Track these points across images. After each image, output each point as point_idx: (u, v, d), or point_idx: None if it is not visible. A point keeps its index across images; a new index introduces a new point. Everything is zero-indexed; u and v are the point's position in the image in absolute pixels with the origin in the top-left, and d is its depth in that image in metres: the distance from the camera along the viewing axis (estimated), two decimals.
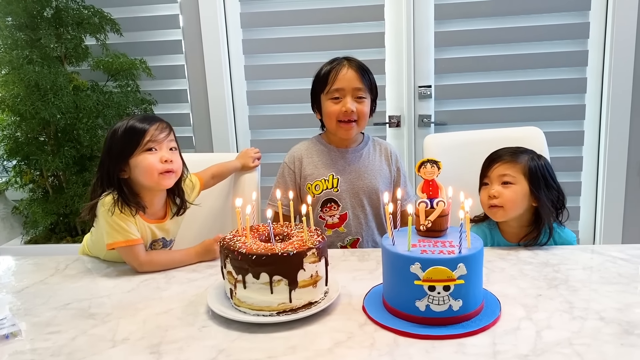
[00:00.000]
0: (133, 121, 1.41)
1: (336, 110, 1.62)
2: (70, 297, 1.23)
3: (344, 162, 1.71)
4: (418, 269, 0.97)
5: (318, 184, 1.70)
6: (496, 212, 1.45)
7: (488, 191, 1.46)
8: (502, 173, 1.45)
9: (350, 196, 1.69)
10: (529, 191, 1.43)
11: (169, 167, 1.41)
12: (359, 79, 1.62)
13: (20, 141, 2.53)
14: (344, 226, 1.70)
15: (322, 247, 1.09)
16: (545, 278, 1.21)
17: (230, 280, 1.09)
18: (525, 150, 1.50)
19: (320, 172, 1.70)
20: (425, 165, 1.10)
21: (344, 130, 1.65)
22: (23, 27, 2.47)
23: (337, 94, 1.62)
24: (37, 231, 2.63)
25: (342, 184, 1.69)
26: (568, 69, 2.61)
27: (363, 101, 1.63)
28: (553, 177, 1.47)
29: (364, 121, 1.65)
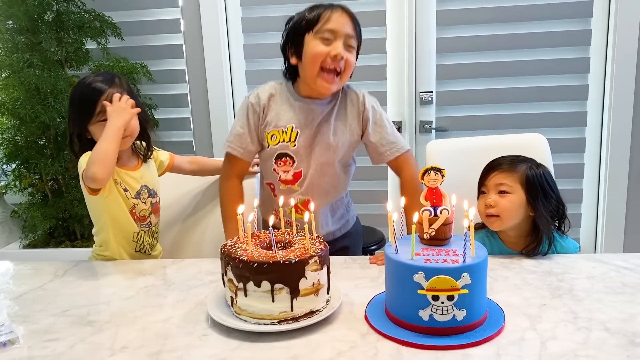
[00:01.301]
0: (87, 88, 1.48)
1: (324, 51, 1.43)
2: (69, 304, 1.21)
3: (305, 114, 1.54)
4: (422, 278, 0.96)
5: (275, 134, 1.55)
6: (493, 221, 1.44)
7: (485, 200, 1.45)
8: (499, 182, 1.44)
9: (307, 153, 1.55)
10: (526, 201, 1.41)
11: (126, 133, 1.48)
12: (352, 26, 1.47)
13: (19, 145, 2.52)
14: (297, 184, 1.58)
15: (324, 255, 1.08)
16: (549, 287, 1.20)
17: (231, 288, 1.08)
18: (525, 159, 1.48)
19: (280, 120, 1.55)
20: (429, 173, 1.09)
21: (325, 82, 1.46)
22: (24, 30, 2.47)
23: (329, 34, 1.44)
24: (35, 235, 2.62)
25: (300, 139, 1.53)
26: (570, 76, 2.61)
27: (352, 51, 1.48)
28: (552, 187, 1.45)
29: (346, 76, 1.49)
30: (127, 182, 1.55)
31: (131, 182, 1.56)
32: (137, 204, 1.57)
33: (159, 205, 1.68)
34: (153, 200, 1.63)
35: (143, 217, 1.60)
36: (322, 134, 1.55)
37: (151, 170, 1.66)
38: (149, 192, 1.62)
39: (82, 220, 2.56)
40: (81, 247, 2.54)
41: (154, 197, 1.64)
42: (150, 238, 1.63)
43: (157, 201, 1.66)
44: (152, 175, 1.66)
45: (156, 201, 1.65)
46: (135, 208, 1.57)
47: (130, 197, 1.56)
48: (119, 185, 1.53)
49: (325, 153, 1.56)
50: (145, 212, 1.60)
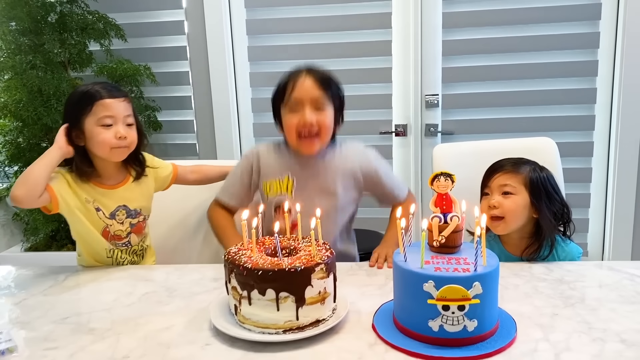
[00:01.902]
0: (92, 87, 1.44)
1: (294, 122, 1.47)
2: (69, 311, 1.19)
3: (301, 166, 1.56)
4: (432, 287, 0.93)
5: (272, 184, 1.57)
6: (497, 225, 1.42)
7: (488, 201, 1.44)
8: (502, 183, 1.42)
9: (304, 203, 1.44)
10: (530, 202, 1.40)
11: (123, 143, 1.45)
12: (318, 87, 1.47)
13: (22, 147, 2.50)
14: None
15: (331, 262, 1.05)
16: (561, 296, 1.17)
17: (234, 296, 1.05)
18: (528, 161, 1.47)
19: (277, 171, 1.57)
20: (439, 179, 1.06)
21: (306, 145, 1.50)
22: (27, 32, 2.45)
23: (295, 104, 1.47)
24: (37, 238, 2.60)
25: (297, 189, 1.55)
26: (577, 79, 2.57)
27: (323, 112, 1.48)
28: (556, 189, 1.44)
29: (326, 134, 1.50)
30: (101, 201, 1.48)
31: (106, 202, 1.49)
32: (110, 225, 1.50)
33: (144, 224, 1.60)
34: (133, 221, 1.55)
35: (118, 236, 1.53)
36: (318, 184, 1.56)
37: (141, 189, 1.57)
38: (128, 212, 1.54)
39: None
40: None
41: (134, 218, 1.55)
42: (130, 256, 1.56)
43: (139, 221, 1.56)
44: (140, 196, 1.57)
45: (138, 221, 1.56)
46: (108, 227, 1.50)
47: (104, 216, 1.49)
48: (90, 204, 1.47)
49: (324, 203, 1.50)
50: (122, 233, 1.53)
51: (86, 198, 1.47)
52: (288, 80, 1.51)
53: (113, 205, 1.50)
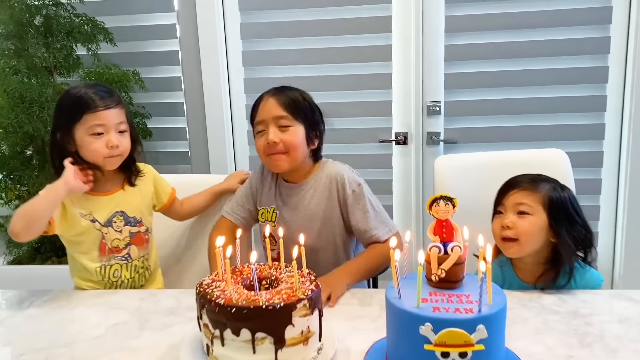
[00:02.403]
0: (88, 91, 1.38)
1: (261, 143, 1.48)
2: (27, 345, 1.07)
3: (282, 197, 1.58)
4: (429, 330, 0.81)
5: (263, 212, 1.60)
6: (510, 246, 1.29)
7: (501, 221, 1.31)
8: (518, 201, 1.29)
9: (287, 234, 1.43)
10: (548, 225, 1.27)
11: (115, 152, 1.41)
12: (281, 106, 1.46)
13: (5, 155, 2.39)
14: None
15: (315, 297, 0.93)
16: (576, 333, 1.04)
17: (206, 334, 0.93)
18: (547, 179, 1.34)
19: (267, 200, 1.60)
20: (438, 203, 0.94)
21: (273, 162, 1.49)
22: (10, 36, 2.34)
23: (261, 126, 1.49)
24: (20, 251, 2.49)
25: (279, 219, 1.56)
26: (587, 86, 2.45)
27: (288, 129, 1.46)
28: (578, 211, 1.30)
29: (295, 152, 1.47)
30: (96, 209, 1.43)
31: (101, 209, 1.43)
32: (106, 233, 1.43)
33: (147, 236, 1.53)
34: (133, 230, 1.48)
35: (116, 248, 1.45)
36: (299, 217, 1.54)
37: (138, 196, 1.52)
38: (126, 219, 1.47)
39: None
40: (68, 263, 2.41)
41: (134, 226, 1.49)
42: (130, 273, 1.47)
43: (140, 231, 1.50)
44: (138, 202, 1.52)
45: (139, 231, 1.50)
46: (105, 237, 1.43)
47: (100, 226, 1.42)
48: (85, 217, 1.41)
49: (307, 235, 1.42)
50: (120, 243, 1.45)
51: (80, 212, 1.40)
52: (257, 104, 1.53)
53: (109, 212, 1.45)
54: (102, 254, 1.44)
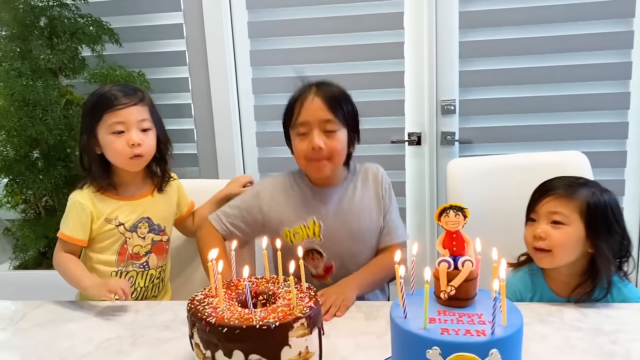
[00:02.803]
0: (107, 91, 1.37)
1: (304, 148, 1.38)
2: None
3: (325, 204, 1.46)
4: (437, 355, 0.73)
5: (298, 231, 1.44)
6: (543, 257, 1.21)
7: (534, 230, 1.21)
8: (552, 210, 1.20)
9: (335, 245, 1.44)
10: (585, 235, 1.17)
11: (137, 151, 1.37)
12: (327, 108, 1.36)
13: (10, 159, 2.37)
14: (330, 278, 1.46)
15: (315, 315, 0.86)
16: (600, 353, 0.96)
17: (198, 354, 0.87)
18: (587, 183, 1.24)
19: (299, 215, 1.45)
20: (448, 213, 0.86)
21: (314, 169, 1.41)
22: (14, 37, 2.31)
23: (303, 128, 1.38)
24: (26, 255, 2.46)
25: (325, 231, 1.43)
26: (609, 83, 2.36)
27: (334, 135, 1.38)
28: (618, 219, 1.20)
29: (337, 158, 1.40)
30: (123, 214, 1.41)
31: (127, 214, 1.41)
32: (129, 238, 1.40)
33: (167, 246, 1.50)
34: (156, 238, 1.45)
35: (136, 254, 1.42)
36: (346, 222, 1.45)
37: (164, 203, 1.50)
38: (151, 226, 1.44)
39: None
40: None
41: (157, 234, 1.46)
42: (145, 282, 1.44)
43: (162, 240, 1.47)
44: (164, 209, 1.49)
45: (161, 240, 1.47)
46: (127, 243, 1.40)
47: (124, 230, 1.40)
48: (111, 222, 1.39)
49: (355, 240, 1.45)
50: (141, 250, 1.42)
51: (107, 218, 1.38)
52: (296, 101, 1.41)
53: (135, 217, 1.42)
54: (121, 259, 1.42)
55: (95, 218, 1.37)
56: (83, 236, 1.37)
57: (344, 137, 1.40)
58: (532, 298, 1.27)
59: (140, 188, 1.46)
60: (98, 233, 1.39)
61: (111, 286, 1.24)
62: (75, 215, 1.35)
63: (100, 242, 1.40)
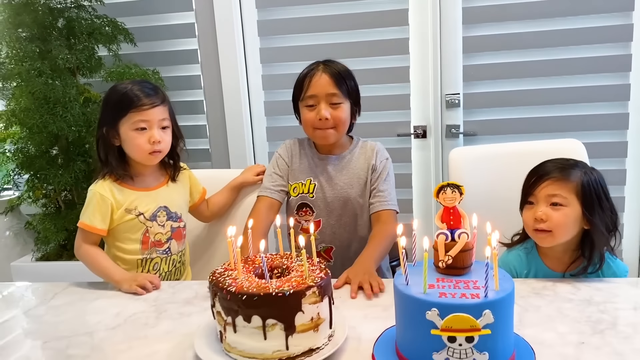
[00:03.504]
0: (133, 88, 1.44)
1: (311, 117, 1.56)
2: (50, 334, 1.11)
3: (323, 168, 1.64)
4: (435, 316, 0.81)
5: (296, 186, 1.65)
6: (544, 238, 1.27)
7: (534, 212, 1.28)
8: (551, 193, 1.26)
9: (324, 204, 1.63)
10: (582, 214, 1.24)
11: (157, 148, 1.46)
12: (333, 84, 1.54)
13: (31, 155, 2.46)
14: (317, 232, 1.65)
15: (325, 284, 0.94)
16: (589, 320, 1.03)
17: (219, 321, 0.95)
18: (576, 164, 1.30)
19: (300, 174, 1.66)
20: (445, 190, 0.94)
21: (320, 136, 1.59)
22: (34, 38, 2.41)
23: (312, 100, 1.57)
24: (47, 248, 2.55)
25: (317, 190, 1.63)
26: (609, 75, 2.40)
27: (339, 107, 1.56)
28: (606, 194, 1.27)
29: (342, 127, 1.58)
30: (142, 203, 1.48)
31: (147, 204, 1.49)
32: (150, 227, 1.49)
33: (184, 232, 1.59)
34: (174, 225, 1.54)
35: (159, 242, 1.51)
36: (338, 187, 1.62)
37: (178, 192, 1.59)
38: (169, 214, 1.53)
39: None
40: None
41: (175, 221, 1.55)
42: (169, 267, 1.53)
43: (180, 227, 1.56)
44: (179, 198, 1.58)
45: (179, 226, 1.56)
46: (148, 231, 1.49)
47: (144, 219, 1.48)
48: (131, 212, 1.47)
49: (343, 205, 1.62)
50: (162, 237, 1.51)
51: (127, 208, 1.46)
52: (305, 76, 1.59)
53: (154, 206, 1.50)
54: (144, 247, 1.49)
55: (115, 209, 1.45)
56: (103, 226, 1.44)
57: (347, 109, 1.58)
58: (527, 274, 1.34)
59: (156, 179, 1.55)
60: (119, 223, 1.46)
61: (140, 281, 1.34)
62: (96, 205, 1.43)
63: (123, 232, 1.48)
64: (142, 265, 1.50)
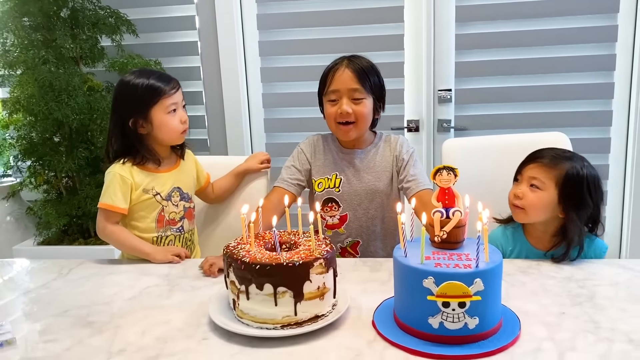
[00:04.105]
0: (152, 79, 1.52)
1: (333, 112, 1.58)
2: (70, 304, 1.19)
3: (349, 163, 1.66)
4: (431, 283, 0.91)
5: (321, 181, 1.67)
6: (518, 213, 1.41)
7: (516, 189, 1.41)
8: (533, 175, 1.38)
9: (351, 197, 1.65)
10: (557, 202, 1.35)
11: (186, 127, 1.60)
12: (355, 79, 1.56)
13: (34, 142, 2.52)
14: (344, 227, 1.66)
15: (330, 257, 1.03)
16: (569, 294, 1.13)
17: (233, 290, 1.04)
18: (572, 157, 1.39)
19: (325, 169, 1.68)
20: (441, 173, 1.04)
21: (342, 132, 1.61)
22: (39, 27, 2.46)
23: (334, 95, 1.58)
24: (49, 232, 2.61)
25: (344, 184, 1.65)
26: (594, 74, 2.51)
27: (361, 102, 1.57)
28: (592, 195, 1.35)
29: (363, 123, 1.59)
30: (159, 184, 1.56)
31: (162, 185, 1.57)
32: (166, 206, 1.57)
33: (194, 212, 1.68)
34: (187, 205, 1.63)
35: (173, 220, 1.59)
36: (366, 180, 1.65)
37: (188, 175, 1.67)
38: (182, 195, 1.62)
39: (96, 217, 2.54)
40: (94, 244, 2.53)
41: (187, 202, 1.63)
42: (182, 244, 1.62)
43: (190, 207, 1.65)
44: (189, 180, 1.67)
45: (190, 207, 1.65)
46: (164, 210, 1.57)
47: (160, 199, 1.57)
48: (148, 192, 1.55)
49: (371, 198, 1.64)
50: (176, 216, 1.60)
51: (144, 188, 1.54)
52: (329, 71, 1.60)
53: (169, 187, 1.59)
54: (160, 225, 1.57)
55: (134, 189, 1.53)
56: (125, 205, 1.51)
57: (369, 105, 1.59)
58: (512, 250, 1.45)
59: (170, 162, 1.63)
60: (136, 202, 1.54)
61: (174, 250, 1.50)
62: (117, 186, 1.50)
63: (139, 211, 1.55)
64: (157, 243, 1.57)
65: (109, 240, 1.54)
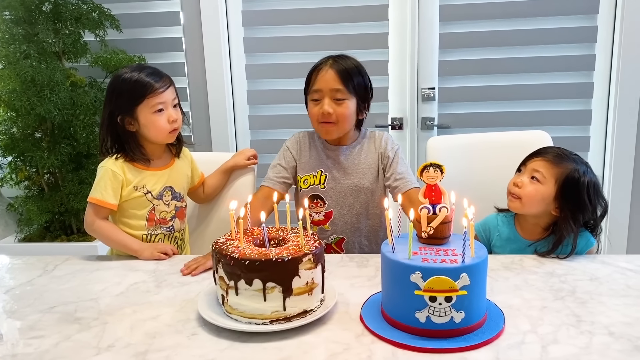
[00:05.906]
0: (141, 75, 1.50)
1: (315, 111, 1.59)
2: (57, 300, 1.18)
3: (334, 160, 1.67)
4: (419, 278, 0.92)
5: (307, 178, 1.67)
6: (513, 202, 1.45)
7: (516, 178, 1.46)
8: (536, 168, 1.43)
9: (336, 194, 1.66)
10: (554, 198, 1.39)
11: (175, 125, 1.54)
12: (338, 80, 1.55)
13: (16, 137, 2.48)
14: (329, 224, 1.67)
15: (319, 253, 1.05)
16: (551, 289, 1.16)
17: (222, 286, 1.04)
18: (577, 160, 1.43)
19: (311, 166, 1.68)
20: (428, 169, 1.05)
21: (324, 131, 1.62)
22: (21, 21, 2.43)
23: (317, 95, 1.59)
24: (31, 229, 2.59)
25: (329, 181, 1.66)
26: (575, 74, 2.56)
27: (343, 103, 1.56)
28: (591, 200, 1.39)
29: (344, 124, 1.59)
30: (150, 183, 1.55)
31: (154, 183, 1.56)
32: (157, 205, 1.56)
33: (185, 211, 1.67)
34: (178, 204, 1.62)
35: (163, 219, 1.58)
36: (351, 177, 1.65)
37: (181, 174, 1.65)
38: (174, 194, 1.60)
39: (79, 214, 2.52)
40: (77, 241, 2.51)
41: (179, 201, 1.62)
42: (171, 243, 1.60)
43: (182, 206, 1.64)
44: (182, 180, 1.65)
45: (182, 206, 1.64)
46: (154, 209, 1.56)
47: (152, 197, 1.55)
48: (139, 190, 1.53)
49: (356, 194, 1.65)
50: (167, 215, 1.59)
51: (135, 186, 1.53)
52: (314, 70, 1.61)
53: (160, 186, 1.57)
54: (150, 223, 1.56)
55: (125, 185, 1.51)
56: (114, 201, 1.49)
57: (352, 106, 1.59)
58: (499, 235, 1.51)
59: (164, 160, 1.61)
60: (127, 199, 1.53)
61: (161, 248, 1.48)
62: (108, 181, 1.49)
63: (130, 208, 1.54)
64: (147, 241, 1.56)
65: (96, 235, 1.53)
